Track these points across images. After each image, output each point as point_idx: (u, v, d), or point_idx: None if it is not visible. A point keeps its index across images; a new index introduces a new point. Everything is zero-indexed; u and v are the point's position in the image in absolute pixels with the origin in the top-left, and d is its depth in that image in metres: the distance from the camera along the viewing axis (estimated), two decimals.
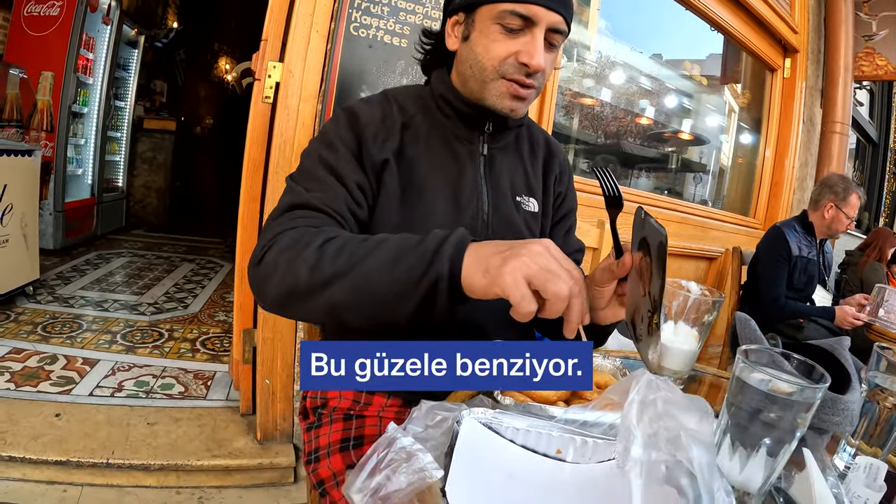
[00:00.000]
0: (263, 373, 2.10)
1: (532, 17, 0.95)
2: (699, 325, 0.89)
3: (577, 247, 1.28)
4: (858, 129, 7.02)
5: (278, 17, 1.90)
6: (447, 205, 1.06)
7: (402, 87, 1.17)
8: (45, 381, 2.43)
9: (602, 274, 0.84)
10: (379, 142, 1.02)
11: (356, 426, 1.08)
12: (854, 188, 2.78)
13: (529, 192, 1.17)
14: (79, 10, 4.58)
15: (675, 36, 3.97)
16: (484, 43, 0.99)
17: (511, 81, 0.99)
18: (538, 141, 1.25)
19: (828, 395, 0.71)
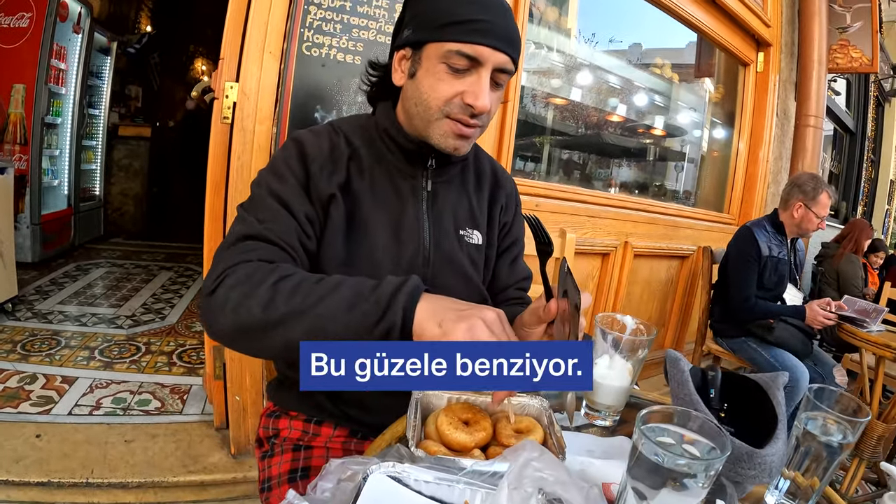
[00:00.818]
0: (233, 389, 2.10)
1: (478, 57, 0.95)
2: (633, 359, 0.91)
3: (524, 275, 1.29)
4: (835, 118, 7.06)
5: (233, 36, 1.87)
6: (388, 240, 1.06)
7: (348, 119, 1.17)
8: (26, 401, 2.43)
9: (530, 317, 0.88)
10: (326, 174, 1.02)
11: (304, 457, 1.10)
12: (824, 187, 2.79)
13: (473, 224, 1.18)
14: (48, 21, 4.52)
15: (650, 32, 3.98)
16: (430, 82, 0.98)
17: (455, 121, 0.99)
18: (485, 171, 1.25)
19: (744, 450, 0.71)
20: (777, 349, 2.73)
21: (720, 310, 3.00)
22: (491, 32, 0.95)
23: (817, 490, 0.76)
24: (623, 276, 3.17)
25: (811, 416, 0.77)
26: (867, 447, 2.42)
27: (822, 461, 0.75)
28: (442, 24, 0.96)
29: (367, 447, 0.83)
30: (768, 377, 0.87)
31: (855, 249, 4.63)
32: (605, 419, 0.94)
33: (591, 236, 2.94)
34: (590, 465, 0.77)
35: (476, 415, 0.80)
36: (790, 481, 0.78)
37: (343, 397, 1.09)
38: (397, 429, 0.86)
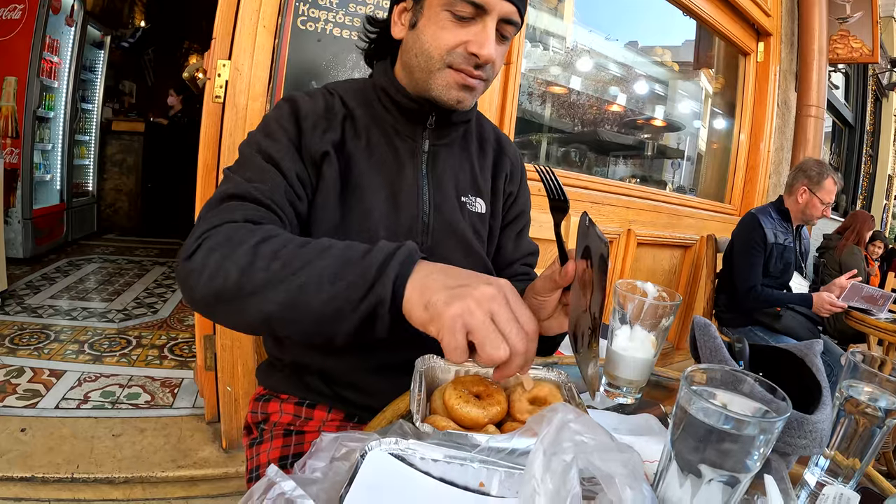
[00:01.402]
0: (225, 379, 2.04)
1: (484, 5, 0.90)
2: (657, 329, 0.85)
3: (530, 250, 1.22)
4: (834, 112, 7.04)
5: (227, 13, 1.81)
6: (385, 204, 1.00)
7: (344, 81, 1.12)
8: (12, 395, 2.37)
9: (544, 283, 0.78)
10: (319, 132, 0.97)
11: (296, 442, 1.04)
12: (829, 172, 2.74)
13: (476, 191, 1.12)
14: (41, 13, 4.46)
15: (650, 22, 3.94)
16: (432, 30, 0.94)
17: (459, 71, 0.94)
18: (488, 138, 1.19)
19: (794, 416, 0.64)
20: (784, 337, 2.68)
21: (725, 299, 2.94)
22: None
23: (860, 469, 0.70)
24: (626, 263, 3.13)
25: (853, 383, 0.71)
26: None
27: (865, 434, 0.69)
28: None
29: (372, 423, 0.76)
30: (803, 345, 0.80)
31: (857, 241, 4.60)
32: (627, 396, 0.87)
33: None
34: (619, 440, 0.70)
35: (489, 387, 0.73)
36: (830, 460, 0.72)
37: (336, 378, 1.02)
38: (399, 405, 0.79)
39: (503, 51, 0.99)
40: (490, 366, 0.59)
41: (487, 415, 0.68)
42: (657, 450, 0.61)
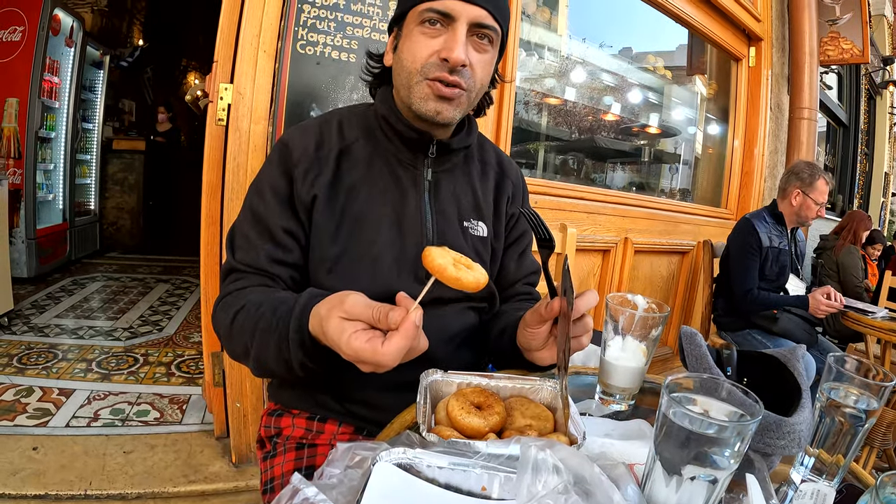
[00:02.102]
0: (233, 396, 2.07)
1: (449, 11, 0.93)
2: (647, 340, 0.89)
3: (533, 269, 1.26)
4: (828, 112, 7.08)
5: (227, 37, 1.86)
6: (390, 232, 1.03)
7: (348, 108, 1.15)
8: (22, 414, 2.40)
9: (533, 316, 0.88)
10: (310, 179, 1.01)
11: (308, 455, 1.07)
12: (821, 173, 2.78)
13: (478, 215, 1.14)
14: (41, 34, 4.52)
15: (643, 28, 3.99)
16: (408, 47, 0.98)
17: (434, 80, 0.96)
18: (489, 161, 1.21)
19: (772, 419, 0.69)
20: (781, 339, 2.72)
21: (723, 303, 2.98)
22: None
23: (843, 465, 0.74)
24: (624, 272, 3.15)
25: (833, 385, 0.75)
26: (877, 435, 2.40)
27: (847, 433, 0.73)
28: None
29: (382, 434, 0.80)
30: (786, 351, 0.85)
31: (854, 241, 4.63)
32: (620, 403, 0.91)
33: (591, 233, 2.92)
34: (610, 446, 0.75)
35: (488, 398, 0.77)
36: (815, 458, 0.76)
37: (347, 395, 1.06)
38: (406, 417, 0.83)
39: (486, 59, 1.00)
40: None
41: (488, 424, 0.73)
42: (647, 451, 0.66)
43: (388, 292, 0.99)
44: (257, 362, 0.88)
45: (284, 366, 0.84)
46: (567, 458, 0.58)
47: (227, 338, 0.94)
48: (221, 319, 0.95)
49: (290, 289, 1.01)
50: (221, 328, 0.96)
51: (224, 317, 0.94)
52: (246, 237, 1.01)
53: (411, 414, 0.83)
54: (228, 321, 0.92)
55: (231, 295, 0.97)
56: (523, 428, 0.75)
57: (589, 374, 1.06)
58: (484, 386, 0.82)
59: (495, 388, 0.82)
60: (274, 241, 1.00)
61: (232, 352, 0.94)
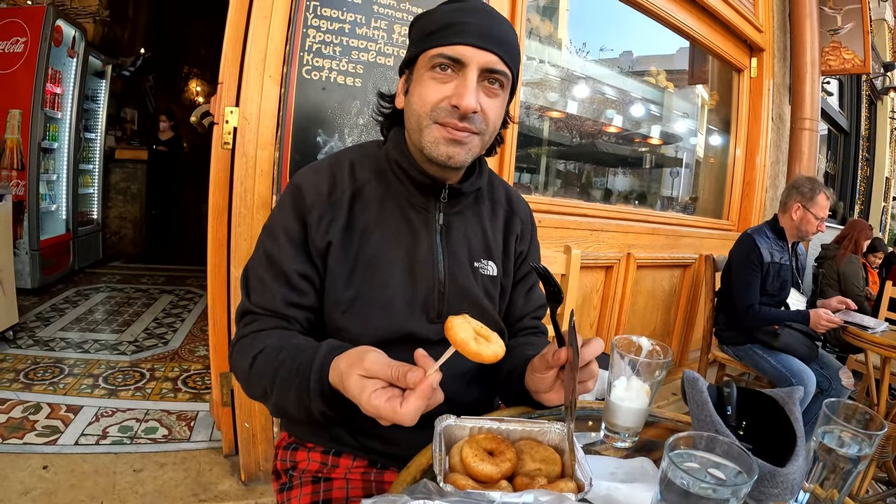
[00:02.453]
0: (242, 416, 2.08)
1: (460, 58, 0.95)
2: (651, 381, 0.91)
3: (540, 303, 1.27)
4: (829, 119, 7.10)
5: (232, 60, 1.88)
6: (402, 275, 1.05)
7: (359, 148, 1.16)
8: (31, 431, 2.41)
9: (540, 362, 0.91)
10: (324, 225, 1.02)
11: (324, 489, 1.08)
12: (821, 188, 2.80)
13: (488, 255, 1.16)
14: (43, 45, 4.56)
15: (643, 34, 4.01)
16: (419, 91, 0.99)
17: (444, 125, 0.96)
18: (499, 199, 1.23)
19: (766, 469, 0.71)
20: (782, 354, 2.73)
21: (724, 317, 2.99)
22: (471, 32, 0.95)
23: (837, 501, 0.76)
24: (627, 287, 3.16)
25: (828, 430, 0.78)
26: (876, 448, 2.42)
27: (841, 473, 0.76)
28: (427, 34, 0.98)
29: (393, 480, 0.82)
30: (784, 392, 0.87)
31: (855, 250, 4.64)
32: (625, 440, 0.93)
33: (593, 250, 2.94)
34: (616, 490, 0.77)
35: (500, 444, 0.79)
36: (810, 494, 0.78)
37: (361, 430, 1.07)
38: (421, 461, 0.85)
39: (497, 103, 1.01)
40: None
41: (500, 470, 0.75)
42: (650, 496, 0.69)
43: (401, 333, 1.02)
44: (277, 407, 0.91)
45: (305, 413, 0.86)
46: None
47: (245, 381, 0.97)
48: (239, 363, 0.97)
49: (305, 330, 1.03)
50: (239, 371, 0.98)
51: (242, 360, 0.96)
52: (261, 280, 1.03)
53: (426, 457, 0.85)
54: (247, 366, 0.94)
55: (248, 338, 0.99)
56: (533, 472, 0.77)
57: (594, 408, 1.08)
58: (495, 430, 0.84)
59: (506, 432, 0.84)
60: (289, 284, 1.01)
61: (251, 394, 0.97)
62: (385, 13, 2.01)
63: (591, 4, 3.44)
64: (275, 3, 1.84)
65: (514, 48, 1.02)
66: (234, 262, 1.89)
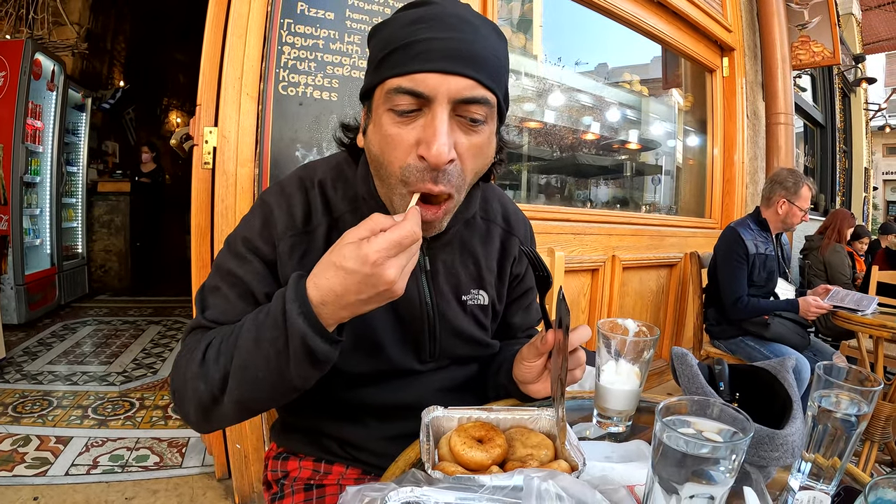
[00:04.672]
0: (233, 438, 2.06)
1: (423, 91, 0.75)
2: (640, 362, 0.91)
3: (539, 317, 1.23)
4: (804, 114, 7.21)
5: (210, 80, 1.89)
6: (388, 317, 0.97)
7: (330, 166, 1.01)
8: (20, 464, 2.38)
9: (528, 350, 0.89)
10: (296, 257, 0.91)
11: (317, 496, 1.06)
12: (804, 180, 2.83)
13: (479, 284, 1.07)
14: (22, 79, 4.58)
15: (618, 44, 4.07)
16: (377, 140, 0.81)
17: (416, 193, 0.78)
18: (494, 218, 1.11)
19: (764, 432, 0.71)
20: (775, 344, 2.75)
21: (714, 312, 3.01)
22: (436, 52, 0.75)
23: (840, 468, 0.76)
24: (614, 289, 3.18)
25: (824, 393, 0.77)
26: (877, 429, 2.45)
27: (841, 438, 0.75)
28: (381, 58, 0.79)
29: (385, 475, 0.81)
30: (776, 362, 0.87)
31: (839, 239, 4.70)
32: (618, 425, 0.93)
33: (578, 253, 2.95)
34: (611, 469, 0.76)
35: (489, 432, 0.78)
36: (811, 463, 0.78)
37: (351, 442, 1.05)
38: (409, 454, 0.84)
39: (478, 141, 0.81)
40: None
41: (490, 457, 0.74)
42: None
43: (392, 370, 0.99)
44: (241, 394, 0.76)
45: (278, 376, 0.73)
46: (569, 486, 0.60)
47: (197, 379, 0.78)
48: (184, 368, 0.81)
49: None
50: (188, 375, 0.80)
51: (189, 362, 0.81)
52: (224, 297, 0.89)
53: (415, 451, 0.84)
54: (198, 362, 0.79)
55: (193, 343, 0.85)
56: (525, 458, 0.77)
57: (585, 398, 1.08)
58: (484, 419, 0.83)
59: (495, 421, 0.83)
60: (256, 303, 0.87)
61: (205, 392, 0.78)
62: (358, 28, 2.03)
63: (564, 19, 3.48)
64: (250, 22, 1.86)
65: (498, 61, 0.83)
66: None
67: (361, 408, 0.76)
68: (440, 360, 1.05)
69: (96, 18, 6.34)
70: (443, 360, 1.05)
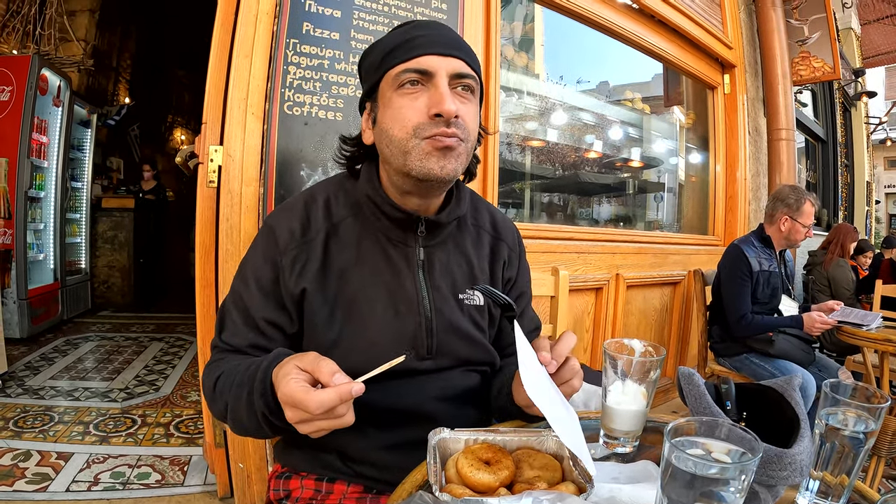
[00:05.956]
0: (236, 457, 2.05)
1: (427, 68, 0.93)
2: (646, 382, 0.91)
3: (532, 327, 1.25)
4: (806, 130, 7.22)
5: (215, 100, 1.90)
6: (386, 313, 1.03)
7: (336, 181, 1.13)
8: (21, 479, 2.37)
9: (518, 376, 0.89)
10: (297, 269, 1.01)
11: None
12: (806, 196, 2.84)
13: (473, 284, 1.12)
14: (28, 94, 4.63)
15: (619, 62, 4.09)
16: (391, 113, 0.95)
17: (431, 138, 0.92)
18: (483, 224, 1.19)
19: (773, 452, 0.71)
20: (780, 361, 2.73)
21: (718, 330, 3.00)
22: (431, 42, 0.94)
23: (848, 485, 0.76)
24: (618, 308, 3.17)
25: (831, 411, 0.77)
26: (884, 444, 2.44)
27: (849, 455, 0.75)
28: (383, 57, 0.97)
29: (387, 501, 0.81)
30: (782, 381, 0.87)
31: (842, 254, 4.69)
32: (625, 445, 0.92)
33: (582, 272, 2.95)
34: (619, 490, 0.76)
35: (496, 454, 0.78)
36: (820, 481, 0.78)
37: (353, 456, 1.06)
38: (416, 476, 0.84)
39: (472, 109, 0.98)
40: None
41: (498, 479, 0.74)
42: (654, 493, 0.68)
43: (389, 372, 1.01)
44: (233, 416, 0.91)
45: (255, 419, 0.86)
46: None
47: (210, 400, 0.98)
48: (206, 384, 1.00)
49: None
50: (206, 391, 1.00)
51: (208, 381, 0.98)
52: (233, 321, 1.03)
53: (422, 473, 0.84)
54: (211, 385, 0.96)
55: (214, 363, 1.01)
56: (532, 479, 0.76)
57: (592, 418, 1.07)
58: (491, 441, 0.83)
59: (502, 442, 0.83)
60: (257, 329, 1.01)
61: (216, 412, 0.97)
62: (363, 48, 2.03)
63: (566, 38, 3.52)
64: (256, 42, 1.88)
65: (474, 54, 1.02)
66: (221, 297, 1.87)
67: (361, 413, 0.77)
68: (438, 359, 1.06)
69: (102, 35, 6.41)
70: (441, 360, 1.06)
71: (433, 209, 1.07)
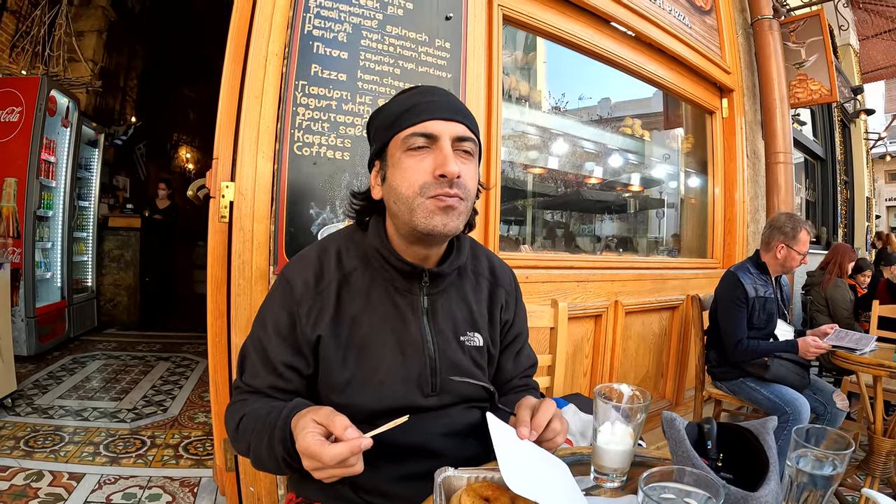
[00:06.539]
0: (247, 480, 2.10)
1: (432, 132, 1.02)
2: (633, 424, 0.99)
3: (529, 363, 1.34)
4: (804, 149, 7.27)
5: (226, 137, 1.97)
6: (394, 357, 1.11)
7: (347, 233, 1.21)
8: (34, 499, 2.41)
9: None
10: (313, 317, 1.09)
11: None
12: (802, 224, 2.90)
13: (474, 327, 1.21)
14: (38, 115, 4.72)
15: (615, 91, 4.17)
16: (399, 173, 1.04)
17: (435, 198, 1.01)
18: (482, 271, 1.28)
19: (739, 495, 0.78)
20: (775, 385, 2.78)
21: (715, 354, 3.05)
22: (436, 108, 1.04)
23: None
24: (617, 334, 3.21)
25: (800, 454, 0.85)
26: (877, 465, 2.50)
27: (817, 493, 0.83)
28: (392, 121, 1.06)
29: None
30: (759, 423, 0.95)
31: (840, 274, 4.73)
32: (614, 481, 1.00)
33: (581, 300, 2.99)
34: None
35: (496, 491, 0.85)
36: None
37: (364, 486, 1.11)
38: None
39: (472, 169, 1.07)
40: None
41: None
42: None
43: (396, 408, 1.07)
44: (255, 455, 1.00)
45: (275, 461, 0.95)
46: None
47: (233, 439, 1.07)
48: (229, 424, 1.09)
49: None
50: (229, 431, 1.09)
51: (231, 421, 1.08)
52: (253, 364, 1.11)
53: None
54: (234, 425, 1.06)
55: (238, 403, 1.10)
56: None
57: (584, 454, 1.14)
58: (490, 479, 0.90)
59: (500, 480, 0.90)
60: (276, 373, 1.09)
61: (239, 450, 1.06)
62: (370, 89, 2.12)
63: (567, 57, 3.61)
64: (265, 84, 1.95)
65: (474, 118, 1.11)
66: (234, 330, 1.94)
67: (373, 448, 0.85)
68: (442, 396, 1.14)
69: (110, 55, 6.52)
70: (445, 397, 1.14)
71: (436, 256, 1.16)
